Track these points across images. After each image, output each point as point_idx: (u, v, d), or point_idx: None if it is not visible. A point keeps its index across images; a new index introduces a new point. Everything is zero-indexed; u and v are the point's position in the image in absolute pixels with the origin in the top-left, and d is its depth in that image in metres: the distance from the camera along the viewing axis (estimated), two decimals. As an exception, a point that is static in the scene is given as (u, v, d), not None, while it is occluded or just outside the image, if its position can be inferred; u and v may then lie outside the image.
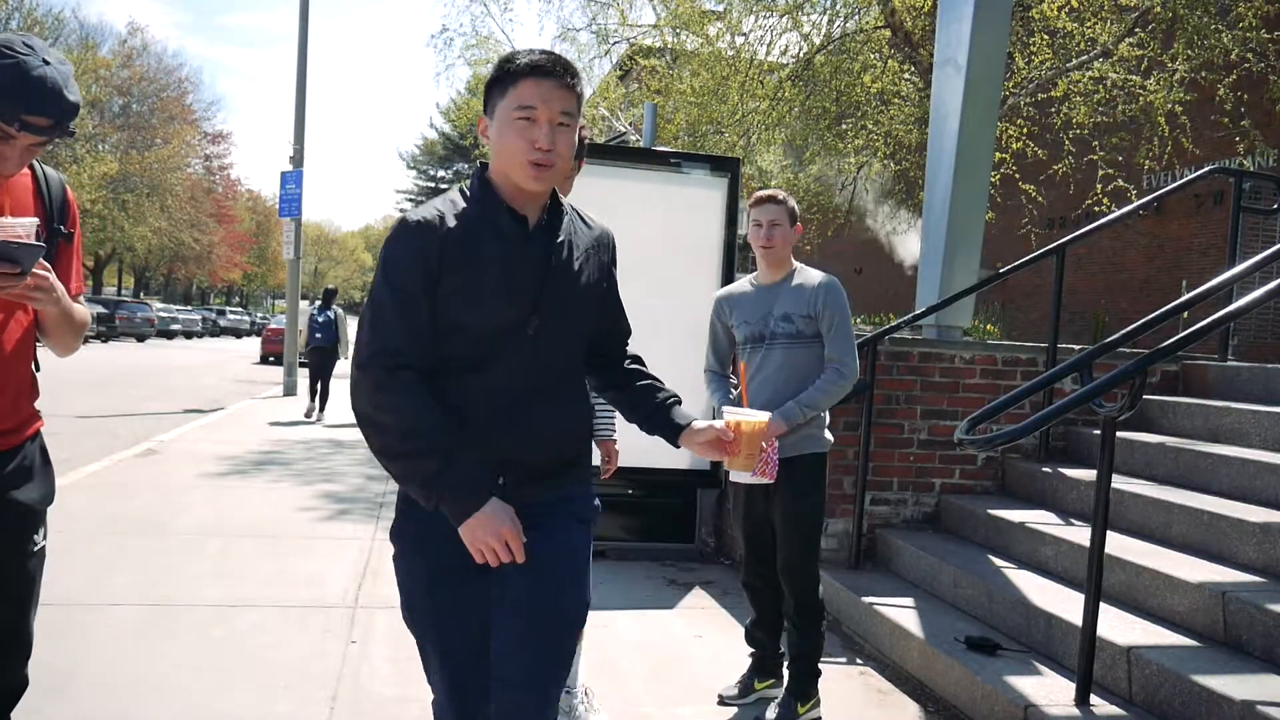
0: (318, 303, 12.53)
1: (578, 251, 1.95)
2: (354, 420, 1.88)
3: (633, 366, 2.16)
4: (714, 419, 3.38)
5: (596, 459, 3.01)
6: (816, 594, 3.32)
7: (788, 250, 3.36)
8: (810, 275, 3.35)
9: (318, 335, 12.17)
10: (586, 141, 3.06)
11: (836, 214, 14.00)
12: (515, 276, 1.87)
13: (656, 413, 2.11)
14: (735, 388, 3.11)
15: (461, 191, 1.93)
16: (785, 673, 3.43)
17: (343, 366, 9.38)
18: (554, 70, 1.84)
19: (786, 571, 3.29)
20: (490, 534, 1.78)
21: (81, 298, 2.15)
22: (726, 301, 3.49)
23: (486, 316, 1.85)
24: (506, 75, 1.86)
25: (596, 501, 2.09)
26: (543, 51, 1.87)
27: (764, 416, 2.29)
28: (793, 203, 3.38)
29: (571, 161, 2.00)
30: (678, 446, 2.14)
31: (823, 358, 3.28)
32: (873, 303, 14.84)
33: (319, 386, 12.19)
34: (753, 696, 3.51)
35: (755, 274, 3.47)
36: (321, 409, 12.18)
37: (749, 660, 3.60)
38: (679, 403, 2.14)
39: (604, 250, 2.02)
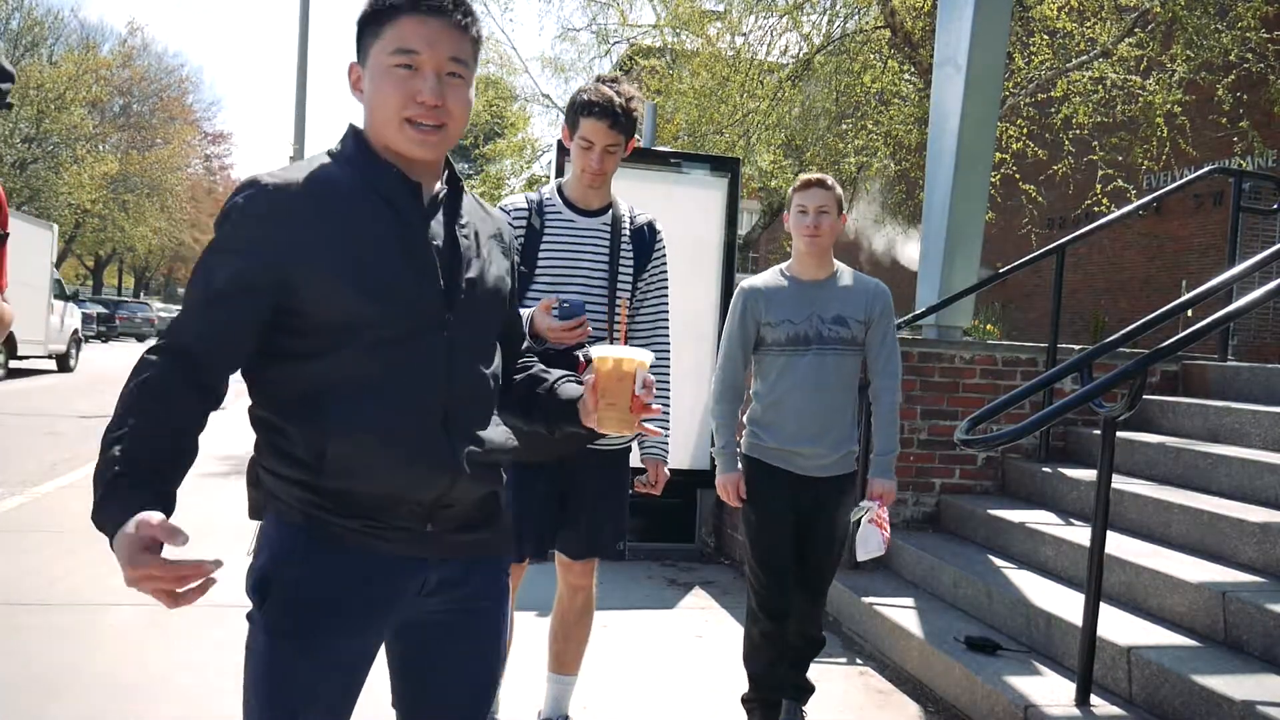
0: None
1: (483, 235, 1.62)
2: None
3: (522, 369, 1.78)
4: (729, 454, 3.17)
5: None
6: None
7: (832, 242, 3.00)
8: (859, 276, 3.05)
9: None
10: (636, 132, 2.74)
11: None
12: (418, 259, 1.50)
13: (563, 408, 1.70)
14: (617, 331, 2.51)
15: (330, 154, 1.54)
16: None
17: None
18: (443, 6, 1.46)
19: (819, 580, 3.18)
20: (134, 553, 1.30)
21: (4, 294, 2.09)
22: (760, 295, 3.00)
23: (385, 313, 1.46)
24: (382, 9, 1.46)
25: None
26: None
27: (644, 355, 1.61)
28: (840, 189, 3.01)
29: (466, 124, 1.55)
30: (585, 429, 1.69)
31: (861, 366, 3.08)
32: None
33: None
34: None
35: (786, 266, 3.07)
36: None
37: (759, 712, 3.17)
38: (562, 380, 1.74)
39: (505, 235, 1.70)
